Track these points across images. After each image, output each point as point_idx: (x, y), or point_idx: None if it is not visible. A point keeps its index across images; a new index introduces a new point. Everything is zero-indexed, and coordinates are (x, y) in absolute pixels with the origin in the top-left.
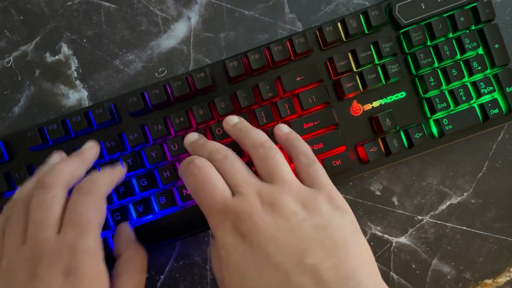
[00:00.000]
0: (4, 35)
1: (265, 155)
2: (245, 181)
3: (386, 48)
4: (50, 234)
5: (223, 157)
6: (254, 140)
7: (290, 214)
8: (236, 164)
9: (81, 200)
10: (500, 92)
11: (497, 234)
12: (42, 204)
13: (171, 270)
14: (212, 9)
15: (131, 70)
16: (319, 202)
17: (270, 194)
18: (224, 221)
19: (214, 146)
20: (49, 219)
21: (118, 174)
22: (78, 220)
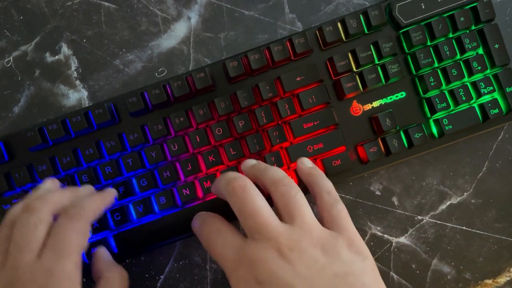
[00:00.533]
0: (4, 35)
1: (286, 194)
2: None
3: (386, 48)
4: (30, 258)
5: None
6: (274, 177)
7: (309, 260)
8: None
9: (65, 224)
10: (500, 92)
11: (497, 234)
12: (26, 227)
13: (171, 270)
14: (212, 9)
15: (131, 70)
16: (340, 247)
17: (290, 239)
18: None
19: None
20: (31, 243)
21: (107, 200)
22: (59, 244)
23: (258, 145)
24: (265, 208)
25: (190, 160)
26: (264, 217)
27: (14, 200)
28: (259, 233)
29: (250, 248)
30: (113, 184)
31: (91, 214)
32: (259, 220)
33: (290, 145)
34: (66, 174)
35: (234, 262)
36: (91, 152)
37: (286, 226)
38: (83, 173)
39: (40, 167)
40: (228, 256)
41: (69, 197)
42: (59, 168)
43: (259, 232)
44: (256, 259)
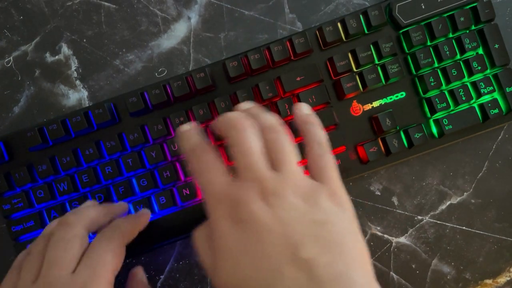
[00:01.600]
0: (4, 35)
1: (275, 140)
2: (251, 167)
3: (386, 48)
4: (64, 274)
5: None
6: (266, 123)
7: (289, 206)
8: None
9: (101, 244)
10: (500, 92)
11: (497, 234)
12: (61, 241)
13: (171, 270)
14: (212, 9)
15: (131, 70)
16: (321, 197)
17: (273, 184)
18: (220, 205)
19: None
20: (65, 258)
21: (142, 222)
22: (94, 262)
23: None
24: (258, 151)
25: None
26: (254, 159)
27: (14, 200)
28: (246, 172)
29: (235, 187)
30: (113, 184)
31: (126, 236)
32: (249, 160)
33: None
34: (66, 174)
35: (217, 198)
36: (91, 152)
37: (272, 172)
38: (83, 173)
39: (40, 167)
40: (213, 191)
41: (104, 214)
42: (59, 168)
43: (247, 171)
44: (238, 197)
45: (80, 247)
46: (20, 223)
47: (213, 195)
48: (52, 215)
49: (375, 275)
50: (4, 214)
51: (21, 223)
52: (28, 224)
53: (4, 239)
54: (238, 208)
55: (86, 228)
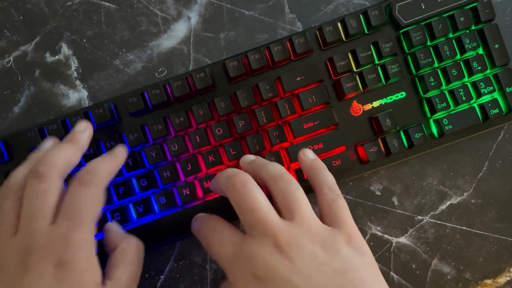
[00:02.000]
0: (4, 35)
1: (285, 189)
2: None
3: (386, 48)
4: (44, 225)
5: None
6: (273, 172)
7: (308, 256)
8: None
9: (79, 191)
10: (500, 92)
11: (497, 234)
12: (37, 194)
13: (171, 270)
14: (212, 9)
15: (131, 70)
16: (339, 243)
17: (289, 235)
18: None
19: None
20: (43, 209)
21: (119, 160)
22: (74, 212)
23: (258, 145)
24: (265, 204)
25: (190, 160)
26: (263, 213)
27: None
28: (257, 229)
29: (248, 244)
30: (113, 184)
31: (105, 179)
32: (257, 215)
33: (290, 145)
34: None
35: (232, 259)
36: (91, 152)
37: (285, 222)
38: None
39: None
40: (226, 253)
41: (73, 153)
42: None
43: (258, 228)
44: (253, 254)
45: (56, 197)
46: None
47: (227, 257)
48: None
49: None
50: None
51: None
52: None
53: None
54: (254, 265)
55: (60, 176)
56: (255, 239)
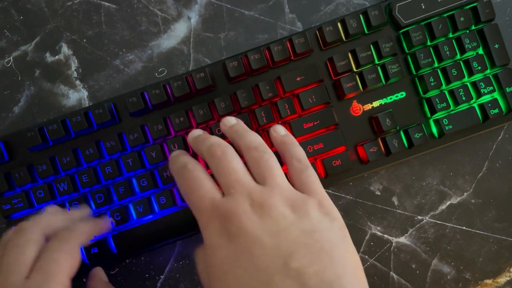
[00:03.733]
0: (4, 35)
1: (259, 158)
2: (238, 182)
3: (386, 48)
4: (18, 279)
5: (222, 153)
6: (249, 142)
7: (278, 216)
8: (232, 163)
9: (54, 246)
10: (500, 92)
11: (497, 234)
12: (15, 247)
13: (171, 270)
14: (212, 9)
15: (131, 70)
16: (309, 207)
17: (261, 196)
18: (211, 222)
19: (215, 141)
20: (20, 263)
21: (100, 226)
22: (47, 266)
23: None
24: (241, 168)
25: None
26: (240, 174)
27: (14, 200)
28: (234, 188)
29: (224, 202)
30: (113, 184)
31: (82, 236)
32: (235, 176)
33: None
34: (66, 174)
35: (209, 215)
36: (91, 152)
37: (258, 185)
38: (83, 173)
39: (40, 167)
40: (204, 208)
41: (62, 219)
42: (59, 168)
43: (234, 187)
44: (229, 212)
45: (34, 252)
46: None
47: (204, 212)
48: None
49: (375, 275)
50: (4, 214)
51: None
52: None
53: None
54: (228, 222)
55: (41, 233)
56: (232, 196)
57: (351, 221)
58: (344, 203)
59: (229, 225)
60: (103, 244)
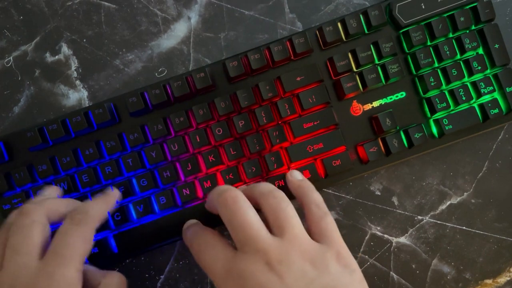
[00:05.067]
0: (4, 35)
1: (276, 206)
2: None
3: (386, 48)
4: (29, 260)
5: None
6: (263, 189)
7: (298, 273)
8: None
9: (69, 229)
10: (500, 92)
11: (497, 234)
12: (20, 229)
13: (171, 270)
14: (212, 9)
15: (131, 70)
16: (328, 260)
17: (279, 252)
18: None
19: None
20: (28, 244)
21: (111, 203)
22: (62, 249)
23: (258, 145)
24: (255, 221)
25: (190, 160)
26: (253, 229)
27: (14, 200)
28: (248, 245)
29: (239, 261)
30: (113, 184)
31: (96, 219)
32: (248, 232)
33: (290, 145)
34: (66, 174)
35: (223, 274)
36: (91, 152)
37: (275, 239)
38: (83, 173)
39: (40, 167)
40: (217, 268)
41: (65, 204)
42: (59, 168)
43: (249, 245)
44: (245, 271)
45: (41, 233)
46: None
47: (218, 273)
48: None
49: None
50: (4, 214)
51: None
52: None
53: None
54: (246, 283)
55: (45, 216)
56: (246, 255)
57: (351, 221)
58: (344, 203)
59: (246, 285)
60: (103, 244)
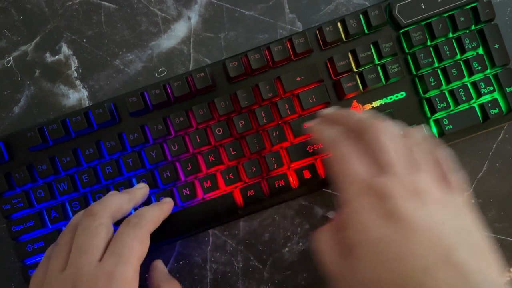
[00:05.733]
0: (4, 35)
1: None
2: (394, 164)
3: (386, 48)
4: (91, 260)
5: (377, 130)
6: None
7: (439, 208)
8: (389, 142)
9: (126, 231)
10: (500, 92)
11: (497, 234)
12: (87, 230)
13: (171, 270)
14: (212, 9)
15: (131, 70)
16: (462, 204)
17: (417, 183)
18: (363, 196)
19: (365, 116)
20: (92, 245)
21: (165, 210)
22: (120, 249)
23: (258, 145)
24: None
25: (190, 160)
26: (395, 157)
27: (14, 200)
28: (389, 168)
29: (382, 180)
30: (113, 184)
31: (151, 224)
32: (391, 157)
33: (290, 145)
34: (66, 174)
35: (360, 189)
36: (91, 152)
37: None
38: (83, 173)
39: (40, 167)
40: (355, 180)
41: (128, 200)
42: (59, 168)
43: (391, 167)
44: (386, 191)
45: (106, 235)
46: (20, 223)
47: (356, 185)
48: (52, 215)
49: None
50: (4, 214)
51: (21, 223)
52: (28, 224)
53: (4, 239)
54: (385, 202)
55: (111, 217)
56: (388, 177)
57: None
58: None
59: (384, 204)
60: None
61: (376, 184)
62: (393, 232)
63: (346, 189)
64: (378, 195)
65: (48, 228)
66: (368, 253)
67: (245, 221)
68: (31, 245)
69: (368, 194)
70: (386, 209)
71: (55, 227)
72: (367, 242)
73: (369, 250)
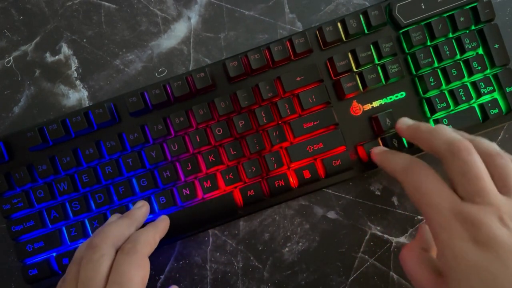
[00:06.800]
0: (4, 35)
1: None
2: (485, 191)
3: (386, 48)
4: None
5: (468, 154)
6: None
7: None
8: (479, 168)
9: (122, 260)
10: (500, 92)
11: None
12: (90, 263)
13: (171, 270)
14: (212, 9)
15: (131, 70)
16: None
17: (510, 209)
18: (453, 224)
19: (455, 137)
20: (96, 278)
21: (162, 228)
22: (119, 279)
23: (258, 145)
24: (487, 175)
25: (190, 160)
26: (486, 183)
27: (14, 200)
28: (480, 197)
29: (469, 208)
30: (113, 184)
31: (147, 246)
32: (481, 184)
33: (290, 145)
34: (66, 174)
35: (449, 215)
36: (91, 152)
37: (503, 197)
38: (83, 173)
39: (40, 167)
40: (442, 207)
41: (127, 226)
42: (59, 168)
43: (481, 196)
44: (476, 220)
45: (108, 265)
46: (20, 223)
47: (445, 213)
48: (52, 215)
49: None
50: (4, 214)
51: (21, 223)
52: (28, 224)
53: (4, 239)
54: (478, 231)
55: (112, 246)
56: (477, 206)
57: (351, 221)
58: (344, 203)
59: (476, 232)
60: None
61: (463, 212)
62: (489, 259)
63: (434, 218)
64: (470, 224)
65: (48, 228)
66: (463, 280)
67: (245, 221)
68: (31, 245)
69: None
70: (480, 237)
71: (55, 227)
72: (461, 270)
73: (464, 277)
